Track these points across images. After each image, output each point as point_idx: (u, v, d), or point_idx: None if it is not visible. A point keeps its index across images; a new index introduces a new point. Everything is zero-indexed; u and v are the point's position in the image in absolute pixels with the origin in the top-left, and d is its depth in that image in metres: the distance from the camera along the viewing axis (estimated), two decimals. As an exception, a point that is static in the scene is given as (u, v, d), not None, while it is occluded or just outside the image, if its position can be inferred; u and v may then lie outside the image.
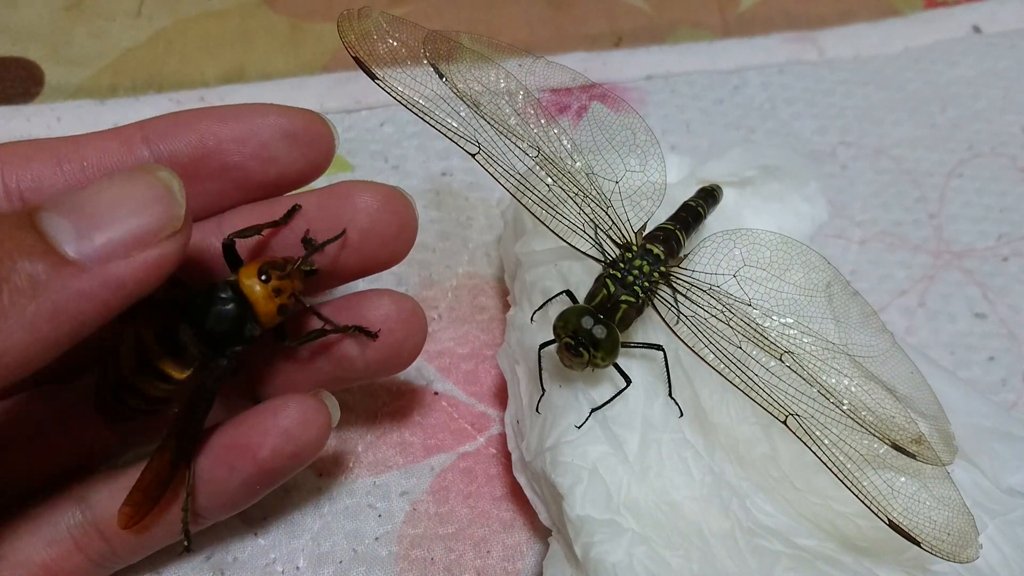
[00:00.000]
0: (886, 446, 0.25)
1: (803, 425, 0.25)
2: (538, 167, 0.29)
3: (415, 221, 0.27)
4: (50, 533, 0.25)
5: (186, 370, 0.24)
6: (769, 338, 0.26)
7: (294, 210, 0.26)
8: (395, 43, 0.29)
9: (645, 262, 0.28)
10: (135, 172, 0.21)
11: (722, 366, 0.26)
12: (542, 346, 0.28)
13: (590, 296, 0.28)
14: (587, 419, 0.27)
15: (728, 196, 0.34)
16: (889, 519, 0.24)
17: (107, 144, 0.25)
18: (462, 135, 0.28)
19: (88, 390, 0.27)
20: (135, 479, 0.25)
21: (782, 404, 0.25)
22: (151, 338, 0.24)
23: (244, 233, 0.25)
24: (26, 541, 0.25)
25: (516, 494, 0.30)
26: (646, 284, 0.28)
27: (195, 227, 0.26)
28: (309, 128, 0.26)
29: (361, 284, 0.29)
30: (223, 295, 0.24)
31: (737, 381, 0.25)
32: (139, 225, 0.20)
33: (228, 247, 0.25)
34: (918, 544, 0.24)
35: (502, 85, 0.30)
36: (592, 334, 0.26)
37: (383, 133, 0.39)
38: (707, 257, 0.29)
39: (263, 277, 0.24)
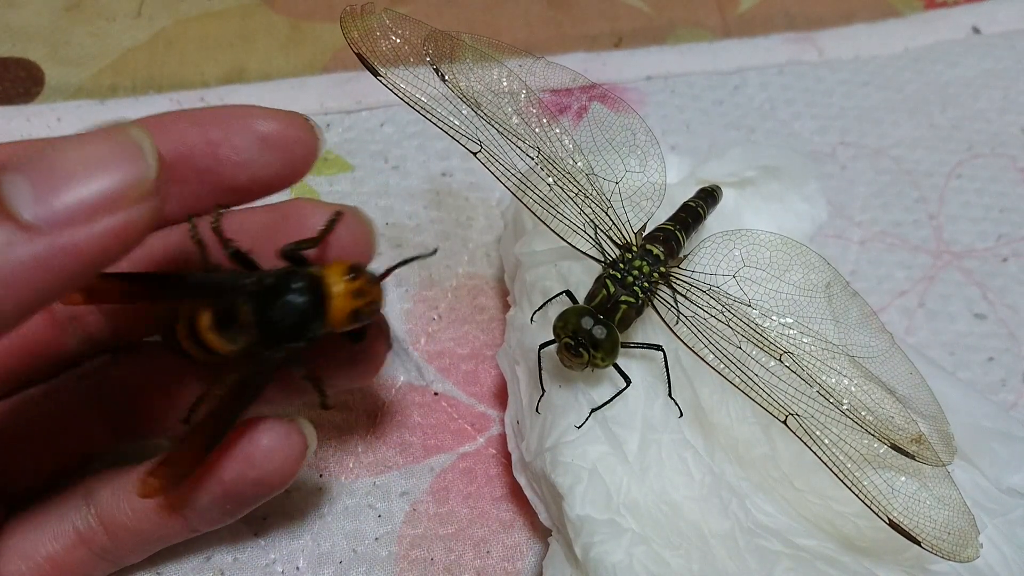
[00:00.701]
0: (885, 446, 0.25)
1: (803, 425, 0.25)
2: (539, 167, 0.29)
3: (373, 242, 0.26)
4: (55, 527, 0.25)
5: (233, 345, 0.24)
6: (769, 338, 0.27)
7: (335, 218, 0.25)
8: (398, 40, 0.29)
9: (645, 262, 0.28)
10: (103, 130, 0.19)
11: (722, 366, 0.26)
12: (542, 346, 0.28)
13: (590, 296, 0.28)
14: (587, 419, 0.27)
15: (728, 196, 0.34)
16: (889, 518, 0.24)
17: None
18: (464, 133, 0.28)
19: (86, 388, 0.27)
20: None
21: (782, 404, 0.25)
22: (206, 317, 0.23)
23: (301, 245, 0.24)
24: (32, 534, 0.25)
25: (516, 494, 0.30)
26: (646, 284, 0.28)
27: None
28: (284, 132, 0.25)
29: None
30: (297, 284, 0.23)
31: (737, 381, 0.25)
32: (103, 187, 0.18)
33: (288, 254, 0.24)
34: (918, 543, 0.24)
35: (504, 85, 0.30)
36: (592, 334, 0.26)
37: (383, 133, 0.39)
38: (707, 257, 0.29)
39: (350, 275, 0.23)
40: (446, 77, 0.29)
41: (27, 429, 0.26)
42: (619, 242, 0.29)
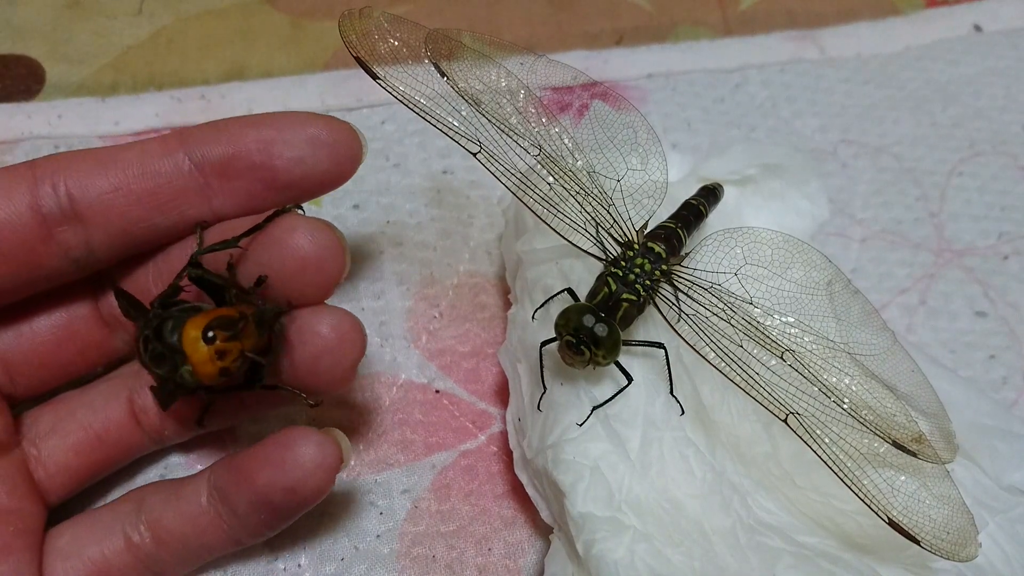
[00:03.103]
0: (887, 444, 0.25)
1: (803, 423, 0.25)
2: (539, 165, 0.29)
3: (340, 256, 0.25)
4: (106, 531, 0.26)
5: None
6: (770, 336, 0.27)
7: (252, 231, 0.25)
8: (396, 42, 0.29)
9: (646, 260, 0.28)
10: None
11: (723, 364, 0.26)
12: (543, 344, 0.28)
13: (591, 294, 0.28)
14: (589, 417, 0.27)
15: (729, 194, 0.34)
16: (889, 518, 0.24)
17: (147, 148, 0.26)
18: (463, 134, 0.28)
19: (122, 393, 0.28)
20: (189, 488, 0.26)
21: (783, 402, 0.25)
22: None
23: (213, 248, 0.24)
24: (82, 537, 0.26)
25: (517, 492, 0.30)
26: (647, 282, 0.28)
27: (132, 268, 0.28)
28: (332, 134, 0.26)
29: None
30: (160, 341, 0.22)
31: (738, 379, 0.25)
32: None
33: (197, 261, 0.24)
34: (917, 543, 0.24)
35: (503, 83, 0.30)
36: (593, 332, 0.26)
37: (384, 131, 0.39)
38: (708, 255, 0.29)
39: (209, 335, 0.22)
40: (446, 76, 0.29)
41: (65, 429, 0.27)
42: (621, 240, 0.29)
